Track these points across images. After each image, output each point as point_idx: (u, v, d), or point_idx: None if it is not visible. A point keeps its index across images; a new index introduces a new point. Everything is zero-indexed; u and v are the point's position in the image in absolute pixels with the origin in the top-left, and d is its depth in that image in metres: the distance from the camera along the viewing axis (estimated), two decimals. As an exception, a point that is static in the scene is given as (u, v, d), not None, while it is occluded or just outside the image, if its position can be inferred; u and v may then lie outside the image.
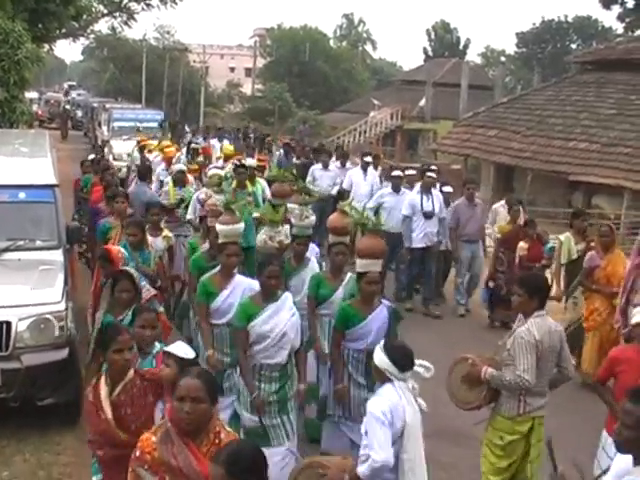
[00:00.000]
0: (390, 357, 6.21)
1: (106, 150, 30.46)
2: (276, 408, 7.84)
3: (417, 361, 6.28)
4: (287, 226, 10.36)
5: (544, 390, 7.34)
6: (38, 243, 10.72)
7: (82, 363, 8.84)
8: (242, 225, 9.20)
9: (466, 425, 8.25)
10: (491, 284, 14.85)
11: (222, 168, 17.37)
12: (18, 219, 10.87)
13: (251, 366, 7.82)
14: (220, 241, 8.89)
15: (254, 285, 8.41)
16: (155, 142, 22.34)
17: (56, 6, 26.67)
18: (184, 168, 15.97)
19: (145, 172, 16.21)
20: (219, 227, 8.99)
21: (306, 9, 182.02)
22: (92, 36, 45.19)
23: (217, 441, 4.98)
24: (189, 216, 14.13)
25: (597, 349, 11.68)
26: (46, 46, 30.42)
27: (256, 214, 12.65)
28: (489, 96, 46.42)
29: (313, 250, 10.33)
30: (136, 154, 22.31)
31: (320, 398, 8.81)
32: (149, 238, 10.92)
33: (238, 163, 16.47)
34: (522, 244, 14.03)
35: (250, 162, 16.63)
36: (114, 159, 27.83)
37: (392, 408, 6.05)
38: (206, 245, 10.26)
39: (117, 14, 37.48)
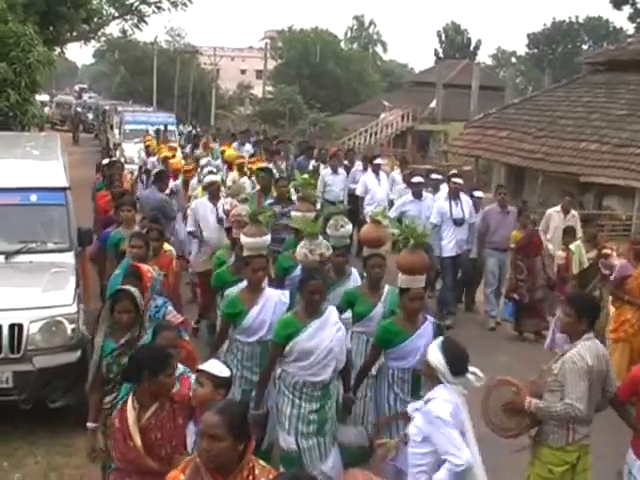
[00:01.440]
0: (446, 358, 6.04)
1: (117, 153, 30.54)
2: (314, 428, 7.50)
3: (471, 368, 6.08)
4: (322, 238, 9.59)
5: (591, 417, 6.91)
6: (49, 246, 10.79)
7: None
8: (269, 237, 8.75)
9: (480, 429, 8.16)
10: (516, 296, 14.16)
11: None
12: (30, 222, 10.91)
13: (292, 383, 7.50)
14: (245, 254, 8.45)
15: (285, 297, 8.26)
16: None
17: (67, 9, 26.73)
18: (217, 179, 14.71)
19: (161, 177, 15.35)
20: (244, 240, 8.52)
21: (317, 11, 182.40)
22: (103, 39, 45.45)
23: (251, 478, 4.65)
24: (189, 228, 13.83)
25: (627, 362, 11.15)
26: (57, 49, 30.41)
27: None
28: (500, 97, 46.31)
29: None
30: (143, 156, 22.29)
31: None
32: None
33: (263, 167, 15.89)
34: (560, 253, 13.31)
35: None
36: (126, 162, 27.71)
37: (455, 409, 5.93)
38: (234, 257, 9.80)
39: (128, 17, 37.46)
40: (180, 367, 6.49)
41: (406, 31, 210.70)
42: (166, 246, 10.69)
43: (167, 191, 15.28)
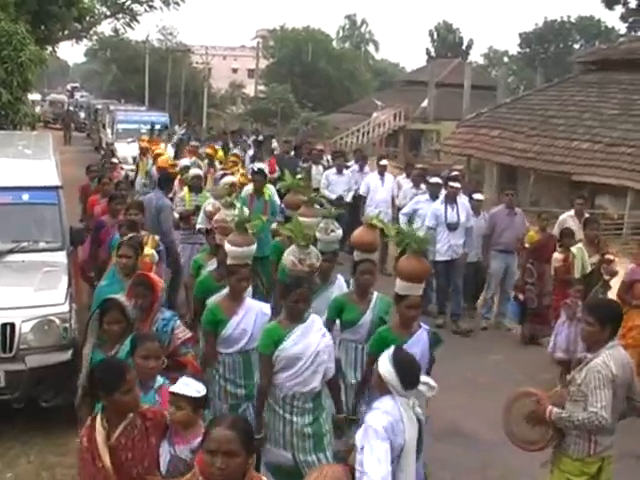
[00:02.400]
0: (397, 370, 5.78)
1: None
2: (311, 443, 7.12)
3: (422, 378, 5.90)
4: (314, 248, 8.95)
5: (614, 427, 6.65)
6: (42, 245, 10.75)
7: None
8: (254, 247, 8.31)
9: (471, 426, 8.18)
10: (521, 297, 13.94)
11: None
12: (22, 221, 10.89)
13: (280, 397, 7.09)
14: (229, 263, 8.07)
15: (266, 309, 7.98)
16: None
17: (59, 8, 26.73)
18: (200, 173, 15.01)
19: (166, 180, 14.78)
20: (229, 248, 8.10)
21: (309, 10, 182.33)
22: (95, 38, 45.47)
23: None
24: (199, 225, 12.89)
25: (637, 369, 11.04)
26: (49, 48, 30.42)
27: (273, 225, 12.32)
28: (492, 96, 46.34)
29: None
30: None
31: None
32: None
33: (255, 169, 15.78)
34: (557, 255, 12.89)
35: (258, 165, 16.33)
36: (118, 162, 27.64)
37: (394, 423, 5.66)
38: (213, 262, 9.56)
39: (120, 16, 37.52)
40: (159, 379, 6.30)
41: (398, 30, 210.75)
42: (147, 250, 10.02)
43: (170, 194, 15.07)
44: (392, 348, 6.06)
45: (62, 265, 10.40)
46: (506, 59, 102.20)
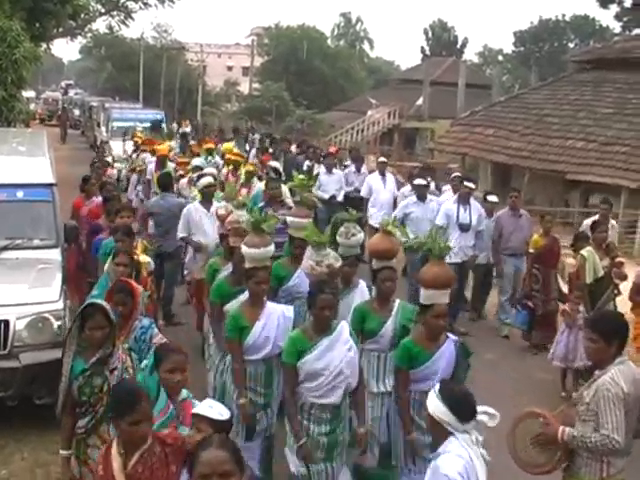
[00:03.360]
0: (448, 405, 5.20)
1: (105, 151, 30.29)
2: (323, 452, 6.93)
3: (479, 407, 5.27)
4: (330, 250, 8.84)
5: (629, 448, 6.18)
6: (36, 242, 10.78)
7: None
8: (272, 247, 8.03)
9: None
10: (531, 304, 13.44)
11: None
12: (16, 218, 10.90)
13: (299, 404, 6.93)
14: (247, 266, 7.78)
15: (288, 311, 7.76)
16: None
17: (54, 5, 26.71)
18: (212, 181, 13.94)
19: (167, 181, 14.61)
20: (246, 250, 7.82)
21: (304, 8, 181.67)
22: (89, 35, 45.32)
23: None
24: (180, 233, 12.84)
25: None
26: (44, 45, 30.43)
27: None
28: (487, 95, 46.35)
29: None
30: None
31: (382, 446, 7.82)
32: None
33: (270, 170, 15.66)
34: (571, 260, 12.57)
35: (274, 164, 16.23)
36: (113, 160, 27.55)
37: (467, 467, 5.08)
38: (229, 267, 9.20)
39: (114, 13, 37.50)
40: (184, 392, 6.04)
41: (393, 28, 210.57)
42: (142, 257, 9.86)
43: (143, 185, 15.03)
44: (437, 384, 5.50)
45: (56, 262, 10.41)
46: (501, 58, 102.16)
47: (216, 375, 8.70)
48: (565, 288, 12.66)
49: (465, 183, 14.59)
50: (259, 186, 14.56)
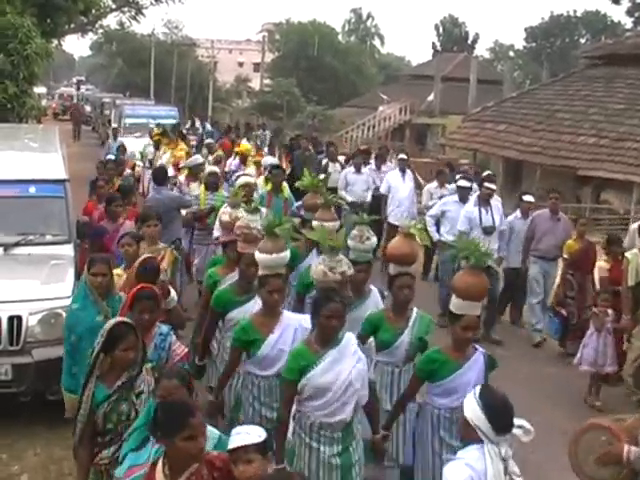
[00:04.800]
0: (487, 413, 4.93)
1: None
2: (339, 475, 6.40)
3: (517, 421, 4.99)
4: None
5: None
6: (48, 238, 10.76)
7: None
8: (287, 253, 7.45)
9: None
10: (564, 312, 12.94)
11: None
12: (28, 214, 10.88)
13: (307, 424, 6.41)
14: (260, 273, 7.24)
15: (306, 322, 6.95)
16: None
17: (65, 1, 26.68)
18: (216, 169, 14.12)
19: (162, 175, 14.26)
20: (260, 257, 7.25)
21: (314, 4, 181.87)
22: (100, 31, 45.18)
23: None
24: (216, 233, 11.54)
25: None
26: (55, 41, 30.40)
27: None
28: (498, 91, 46.29)
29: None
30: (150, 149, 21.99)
31: (403, 467, 7.36)
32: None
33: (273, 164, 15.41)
34: (602, 264, 12.06)
35: (271, 160, 16.08)
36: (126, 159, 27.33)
37: (474, 478, 4.84)
38: (233, 276, 8.55)
39: (125, 9, 37.38)
40: (215, 433, 5.46)
41: (404, 24, 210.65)
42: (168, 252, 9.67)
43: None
44: (478, 387, 5.25)
45: (69, 258, 10.41)
46: (512, 53, 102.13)
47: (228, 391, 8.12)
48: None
49: (486, 184, 13.94)
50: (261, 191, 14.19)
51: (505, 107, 36.19)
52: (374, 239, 8.47)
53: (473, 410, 4.99)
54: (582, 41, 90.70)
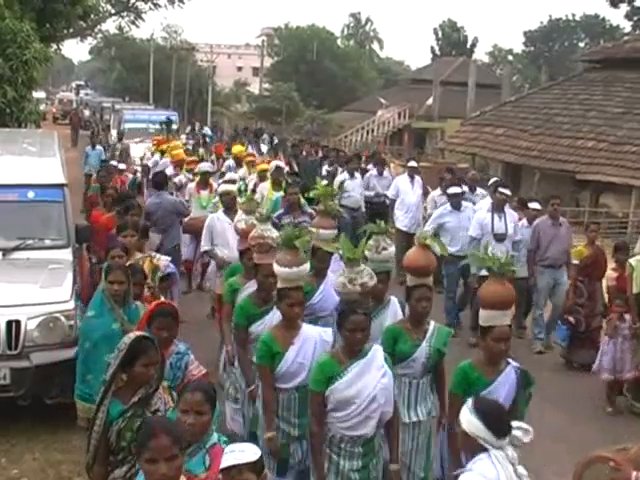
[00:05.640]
0: (483, 420, 4.87)
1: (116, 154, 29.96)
2: None
3: (514, 422, 4.99)
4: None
5: None
6: (47, 242, 10.75)
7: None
8: (307, 266, 7.34)
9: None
10: (572, 319, 12.55)
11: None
12: (27, 218, 10.87)
13: (328, 437, 6.30)
14: (280, 286, 7.09)
15: (327, 335, 7.01)
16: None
17: (64, 6, 26.65)
18: (231, 189, 13.21)
19: (162, 180, 14.33)
20: (279, 269, 7.10)
21: (313, 8, 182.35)
22: (100, 36, 45.25)
23: None
24: (204, 247, 12.04)
25: None
26: (54, 46, 30.42)
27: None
28: (496, 95, 46.31)
29: (337, 264, 8.37)
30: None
31: None
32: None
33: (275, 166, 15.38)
34: (611, 272, 11.80)
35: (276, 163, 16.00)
36: (127, 166, 27.21)
37: None
38: (251, 284, 8.37)
39: (125, 14, 37.44)
40: (213, 435, 5.30)
41: (402, 28, 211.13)
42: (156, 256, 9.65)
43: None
44: (469, 400, 5.14)
45: (67, 263, 10.40)
46: (511, 57, 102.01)
47: (244, 405, 8.15)
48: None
49: (500, 190, 13.59)
50: (277, 195, 14.21)
51: (504, 111, 36.26)
52: (391, 249, 8.22)
53: (470, 421, 4.93)
54: (581, 45, 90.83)
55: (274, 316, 7.53)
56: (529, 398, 6.61)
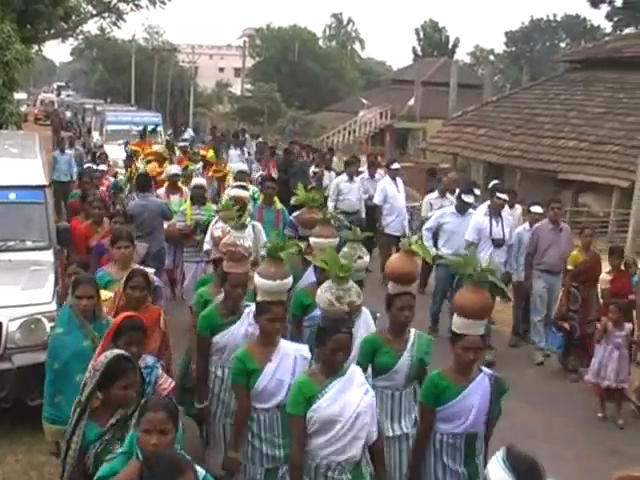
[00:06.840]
0: (516, 475, 4.04)
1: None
2: None
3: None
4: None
5: None
6: (28, 244, 10.72)
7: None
8: (290, 280, 6.90)
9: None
10: (566, 326, 12.33)
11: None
12: (8, 220, 10.84)
13: (313, 467, 5.87)
14: (259, 299, 6.70)
15: (304, 351, 6.61)
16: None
17: (45, 7, 26.62)
18: (202, 182, 13.51)
19: (146, 183, 13.98)
20: (260, 282, 6.68)
21: (295, 9, 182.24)
22: (81, 37, 45.34)
23: None
24: (207, 246, 11.14)
25: None
26: (35, 47, 30.40)
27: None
28: (478, 95, 46.49)
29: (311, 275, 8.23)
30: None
31: None
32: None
33: (265, 176, 15.04)
34: (605, 275, 11.82)
35: (239, 167, 15.64)
36: (108, 166, 26.97)
37: None
38: (221, 296, 7.80)
39: (106, 14, 37.46)
40: (200, 471, 4.66)
41: (384, 29, 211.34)
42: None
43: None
44: (502, 449, 4.22)
45: (49, 264, 10.38)
46: (492, 58, 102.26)
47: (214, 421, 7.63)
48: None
49: (498, 194, 13.23)
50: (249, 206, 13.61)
51: (485, 111, 36.37)
52: (366, 258, 8.09)
53: (500, 474, 4.10)
54: (562, 45, 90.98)
55: (241, 327, 7.30)
56: (499, 412, 6.35)
